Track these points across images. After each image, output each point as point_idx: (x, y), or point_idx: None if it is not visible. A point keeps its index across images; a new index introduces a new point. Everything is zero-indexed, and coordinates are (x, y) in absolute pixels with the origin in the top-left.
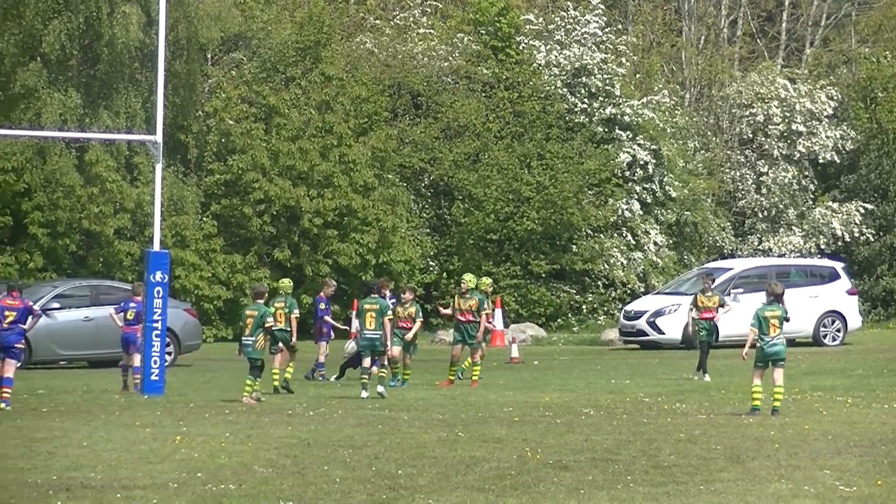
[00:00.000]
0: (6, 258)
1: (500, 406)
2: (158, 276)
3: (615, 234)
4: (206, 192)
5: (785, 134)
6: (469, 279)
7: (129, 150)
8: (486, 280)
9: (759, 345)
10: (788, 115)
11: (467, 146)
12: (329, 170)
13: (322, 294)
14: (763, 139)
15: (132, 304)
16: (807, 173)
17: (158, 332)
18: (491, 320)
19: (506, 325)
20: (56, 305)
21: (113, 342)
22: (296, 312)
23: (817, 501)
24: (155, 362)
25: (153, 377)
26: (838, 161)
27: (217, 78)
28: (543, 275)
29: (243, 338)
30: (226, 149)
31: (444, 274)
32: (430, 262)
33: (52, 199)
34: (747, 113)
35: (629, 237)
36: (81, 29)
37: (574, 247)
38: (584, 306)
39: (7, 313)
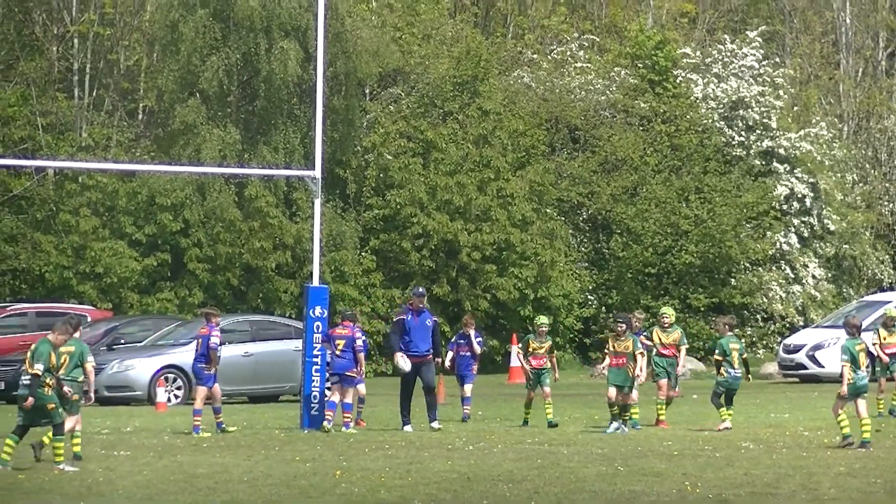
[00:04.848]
0: (166, 294)
1: (660, 440)
2: (318, 311)
3: (773, 268)
4: (364, 227)
5: None
6: (670, 313)
7: (287, 185)
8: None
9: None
10: None
11: (625, 180)
12: (487, 204)
13: None
14: None
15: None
16: None
17: (318, 367)
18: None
19: None
20: None
21: (272, 377)
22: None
23: None
24: (315, 397)
25: (313, 412)
26: None
27: (375, 113)
28: (702, 308)
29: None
30: (384, 183)
31: (603, 308)
32: (589, 297)
33: (213, 234)
34: None
35: (787, 270)
36: (239, 65)
37: (732, 280)
38: (742, 339)
39: (338, 342)
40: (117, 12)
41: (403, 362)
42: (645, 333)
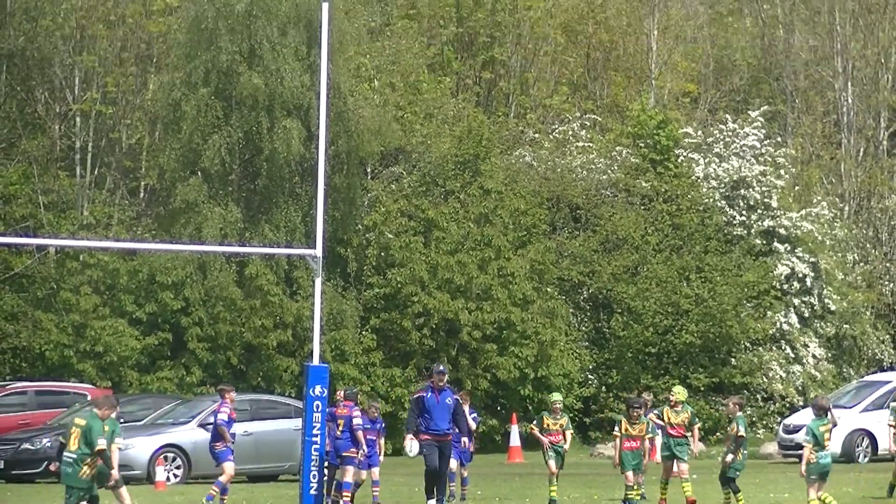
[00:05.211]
0: (166, 372)
1: None
2: (318, 390)
3: (774, 347)
4: (365, 306)
5: None
6: (679, 392)
7: (288, 264)
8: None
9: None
10: None
11: (626, 259)
12: (487, 283)
13: None
14: None
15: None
16: None
17: (318, 446)
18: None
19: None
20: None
21: (272, 456)
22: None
23: None
24: (314, 476)
25: (312, 491)
26: None
27: (377, 192)
28: (702, 388)
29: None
30: (385, 262)
31: (603, 388)
32: (589, 376)
33: (213, 312)
34: None
35: (788, 350)
36: (241, 143)
37: (733, 360)
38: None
39: (339, 421)
40: (119, 91)
41: (409, 445)
42: (656, 412)
